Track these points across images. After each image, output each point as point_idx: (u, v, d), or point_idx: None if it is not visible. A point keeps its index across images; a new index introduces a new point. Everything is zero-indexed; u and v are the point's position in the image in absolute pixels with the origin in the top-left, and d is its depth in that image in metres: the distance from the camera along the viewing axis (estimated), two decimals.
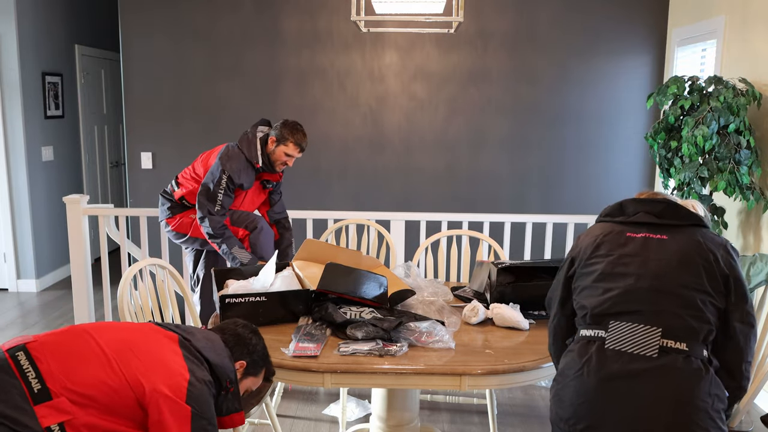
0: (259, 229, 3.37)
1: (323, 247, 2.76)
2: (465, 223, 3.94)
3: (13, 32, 5.25)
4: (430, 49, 4.88)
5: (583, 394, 1.72)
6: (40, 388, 1.60)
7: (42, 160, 5.68)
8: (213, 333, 1.97)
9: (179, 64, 4.90)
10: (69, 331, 1.76)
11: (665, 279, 1.73)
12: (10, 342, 1.72)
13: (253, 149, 3.28)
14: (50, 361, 1.64)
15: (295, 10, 4.84)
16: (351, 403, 3.45)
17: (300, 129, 3.29)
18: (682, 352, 1.67)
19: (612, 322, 1.74)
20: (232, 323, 2.06)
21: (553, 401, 1.84)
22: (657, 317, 1.70)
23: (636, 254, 1.78)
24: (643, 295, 1.73)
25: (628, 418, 1.65)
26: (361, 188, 5.04)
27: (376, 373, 2.05)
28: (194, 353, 1.80)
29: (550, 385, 1.90)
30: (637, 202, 1.88)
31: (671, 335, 1.68)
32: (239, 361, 1.95)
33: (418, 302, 2.53)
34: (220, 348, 1.89)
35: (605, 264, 1.81)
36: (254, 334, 2.03)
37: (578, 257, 1.89)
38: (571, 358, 1.80)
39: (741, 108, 3.36)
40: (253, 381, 2.02)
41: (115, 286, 4.66)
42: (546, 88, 4.89)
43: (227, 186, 3.22)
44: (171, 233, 3.50)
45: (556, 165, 4.98)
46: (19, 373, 1.61)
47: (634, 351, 1.69)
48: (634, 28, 4.81)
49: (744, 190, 3.39)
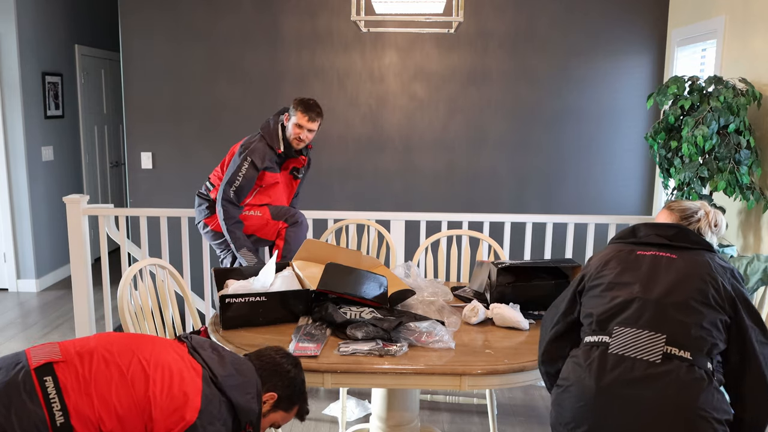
0: (299, 224, 3.38)
1: (323, 247, 2.76)
2: (465, 223, 3.94)
3: (13, 32, 5.25)
4: (430, 49, 4.88)
5: (584, 399, 1.71)
6: (63, 422, 1.55)
7: (42, 160, 5.68)
8: (246, 362, 1.83)
9: (179, 64, 4.90)
10: (98, 356, 1.67)
11: (673, 292, 1.74)
12: (37, 354, 1.64)
13: (274, 135, 3.30)
14: (77, 397, 1.59)
15: (295, 10, 4.84)
16: (351, 403, 3.45)
17: (308, 100, 3.27)
18: (686, 360, 1.66)
19: (616, 328, 1.74)
20: (274, 350, 1.91)
21: (553, 406, 1.84)
22: (662, 324, 1.70)
23: (645, 268, 1.81)
24: (650, 303, 1.73)
25: (629, 423, 1.64)
26: (361, 188, 5.04)
27: (376, 373, 2.05)
28: (216, 393, 1.69)
29: (552, 391, 1.90)
30: (649, 226, 1.92)
31: (675, 343, 1.67)
32: (270, 392, 1.83)
33: (418, 302, 2.53)
34: (248, 383, 1.76)
35: (613, 275, 1.83)
36: (295, 366, 1.89)
37: (588, 273, 1.92)
38: (574, 363, 1.79)
39: (741, 108, 3.36)
40: (283, 416, 1.89)
41: (115, 286, 4.66)
42: (546, 88, 4.89)
43: (248, 171, 3.22)
44: (209, 233, 3.48)
45: (556, 165, 4.98)
46: (45, 401, 1.56)
47: (637, 356, 1.68)
48: (634, 28, 4.81)
49: (744, 190, 3.39)
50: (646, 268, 1.81)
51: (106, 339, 1.74)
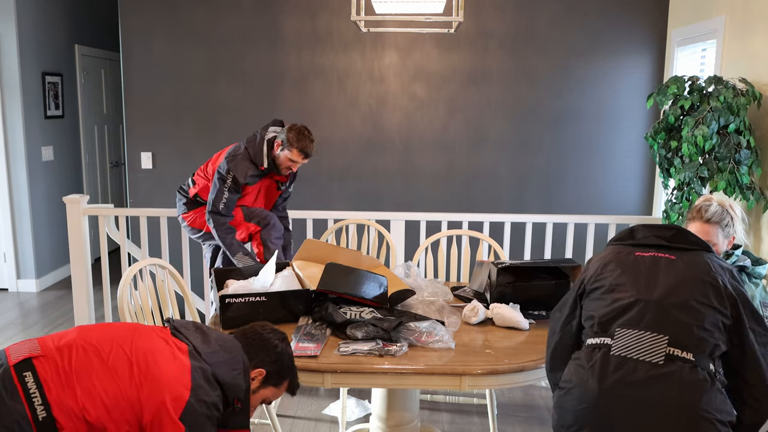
0: (271, 226, 3.39)
1: (323, 247, 2.76)
2: (465, 223, 3.94)
3: (13, 32, 5.25)
4: (430, 49, 4.88)
5: (587, 400, 1.70)
6: (45, 416, 1.55)
7: (42, 160, 5.68)
8: (232, 339, 1.83)
9: (179, 64, 4.90)
10: (77, 348, 1.65)
11: (674, 292, 1.73)
12: (16, 351, 1.64)
13: (258, 151, 3.27)
14: (59, 390, 1.58)
15: (295, 10, 4.85)
16: (351, 403, 3.45)
17: (307, 136, 3.23)
18: (689, 361, 1.65)
19: (618, 329, 1.73)
20: (260, 326, 1.90)
21: (555, 409, 1.83)
22: (664, 325, 1.69)
23: (645, 270, 1.80)
24: (651, 305, 1.73)
25: (632, 425, 1.63)
26: (361, 188, 5.04)
27: (376, 373, 2.05)
28: (206, 367, 1.70)
29: (553, 394, 1.89)
30: (647, 228, 1.92)
31: (678, 344, 1.67)
32: (258, 369, 1.82)
33: (418, 302, 2.53)
34: (234, 360, 1.75)
35: (614, 277, 1.82)
36: (282, 341, 1.88)
37: (587, 277, 1.91)
38: (576, 366, 1.79)
39: (741, 108, 3.36)
40: (273, 392, 1.88)
41: (115, 286, 4.66)
42: (546, 88, 4.89)
43: (232, 185, 3.24)
44: (187, 228, 3.57)
45: (556, 165, 4.98)
46: (25, 397, 1.55)
47: (640, 357, 1.67)
48: (634, 28, 4.81)
49: (744, 190, 3.39)
50: (645, 270, 1.80)
51: (86, 330, 1.73)
